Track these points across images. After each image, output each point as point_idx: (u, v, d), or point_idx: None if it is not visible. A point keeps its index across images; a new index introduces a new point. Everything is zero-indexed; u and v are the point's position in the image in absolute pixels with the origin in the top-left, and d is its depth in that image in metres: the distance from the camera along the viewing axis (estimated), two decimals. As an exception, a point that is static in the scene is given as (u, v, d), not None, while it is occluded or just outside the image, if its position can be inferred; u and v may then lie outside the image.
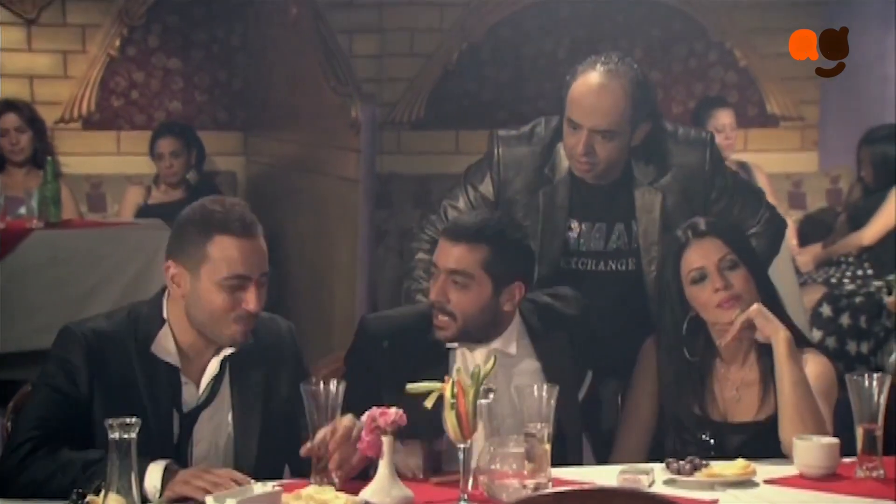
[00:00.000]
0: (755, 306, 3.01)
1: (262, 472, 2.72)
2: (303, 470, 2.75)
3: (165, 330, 2.83)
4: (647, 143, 3.42)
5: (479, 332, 3.06)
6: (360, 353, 3.08)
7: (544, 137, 3.47)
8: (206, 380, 2.84)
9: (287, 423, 2.88)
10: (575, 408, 3.10)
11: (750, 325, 3.02)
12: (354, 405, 2.70)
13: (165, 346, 2.83)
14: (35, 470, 2.70)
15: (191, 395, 2.83)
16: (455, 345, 3.04)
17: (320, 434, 2.64)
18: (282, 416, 2.89)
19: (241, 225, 2.79)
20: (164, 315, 2.85)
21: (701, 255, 3.07)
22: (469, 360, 3.04)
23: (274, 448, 2.86)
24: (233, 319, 2.79)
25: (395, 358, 3.00)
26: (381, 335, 3.08)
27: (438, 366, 2.98)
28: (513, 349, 3.09)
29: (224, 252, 2.77)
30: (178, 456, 2.78)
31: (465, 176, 3.59)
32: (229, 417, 2.86)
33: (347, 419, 2.66)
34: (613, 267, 3.46)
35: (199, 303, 2.79)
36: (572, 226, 3.44)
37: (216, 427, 2.86)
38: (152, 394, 2.79)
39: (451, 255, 3.02)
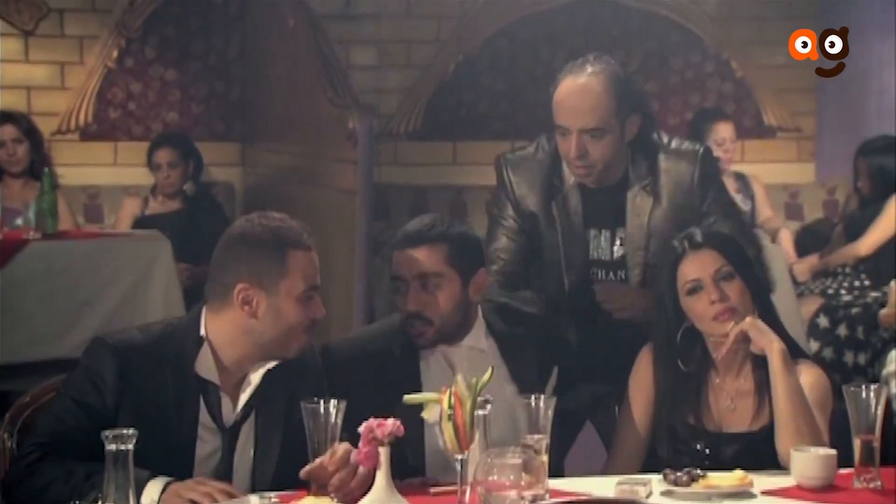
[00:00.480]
0: (748, 319, 3.01)
1: (280, 489, 2.75)
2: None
3: (205, 348, 2.83)
4: (642, 144, 3.43)
5: (453, 331, 3.13)
6: (332, 380, 3.05)
7: (549, 150, 3.50)
8: (246, 395, 2.85)
9: (305, 443, 2.87)
10: None
11: (745, 338, 3.02)
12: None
13: (206, 364, 2.83)
14: (38, 476, 2.69)
15: (227, 409, 2.85)
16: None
17: (319, 459, 2.64)
18: (301, 436, 2.85)
19: (307, 238, 2.87)
20: (202, 333, 2.84)
21: (697, 267, 3.07)
22: (448, 363, 3.10)
23: (294, 466, 2.81)
24: (303, 330, 2.84)
25: (368, 377, 3.03)
26: (348, 358, 3.11)
27: (414, 376, 3.07)
28: (483, 345, 3.16)
29: (301, 266, 2.83)
30: (223, 471, 2.81)
31: (489, 213, 3.64)
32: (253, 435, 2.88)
33: (346, 444, 2.65)
34: (621, 277, 3.48)
35: (277, 319, 2.81)
36: (589, 234, 3.48)
37: (248, 443, 2.88)
38: (187, 410, 2.80)
39: (416, 260, 3.08)
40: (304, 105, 6.24)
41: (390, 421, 2.60)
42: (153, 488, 2.62)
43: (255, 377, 2.85)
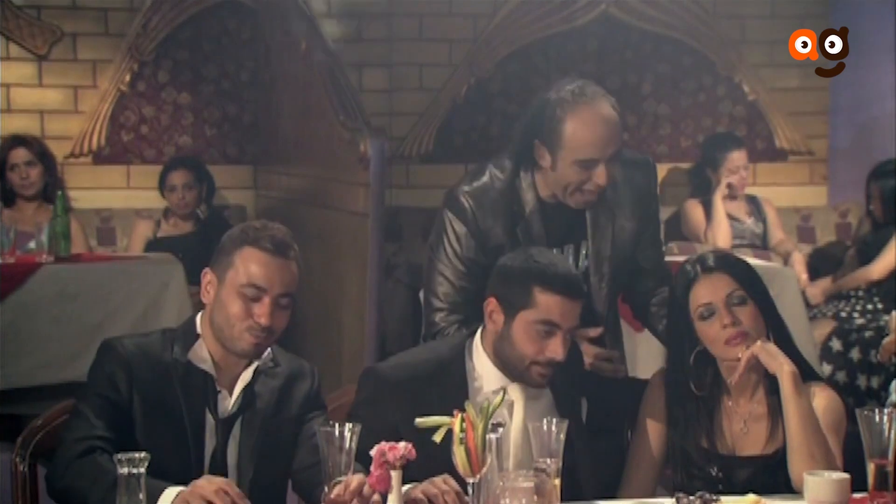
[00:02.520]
0: (758, 344, 3.01)
1: (256, 495, 2.81)
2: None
3: (200, 342, 2.98)
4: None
5: None
6: (373, 405, 3.03)
7: (501, 178, 3.46)
8: (239, 387, 2.95)
9: (286, 450, 3.00)
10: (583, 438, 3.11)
11: (757, 362, 3.01)
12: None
13: (201, 355, 2.96)
14: (74, 475, 2.78)
15: (225, 403, 2.95)
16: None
17: (336, 490, 2.63)
18: (284, 443, 3.00)
19: (270, 241, 2.96)
20: (198, 331, 2.99)
21: (709, 291, 3.06)
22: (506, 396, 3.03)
23: (269, 476, 2.95)
24: (245, 329, 2.91)
25: (414, 408, 2.87)
26: (394, 384, 3.05)
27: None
28: None
29: (247, 261, 2.94)
30: (216, 460, 2.91)
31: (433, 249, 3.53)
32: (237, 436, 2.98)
33: (359, 476, 2.64)
34: (586, 289, 3.41)
35: (221, 308, 2.94)
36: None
37: (246, 439, 2.98)
38: (189, 401, 2.92)
39: (574, 311, 3.04)
40: (317, 128, 6.25)
41: (402, 444, 2.60)
42: (166, 499, 2.65)
43: (248, 372, 2.96)
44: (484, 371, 3.09)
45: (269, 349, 3.01)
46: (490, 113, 7.48)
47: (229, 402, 2.96)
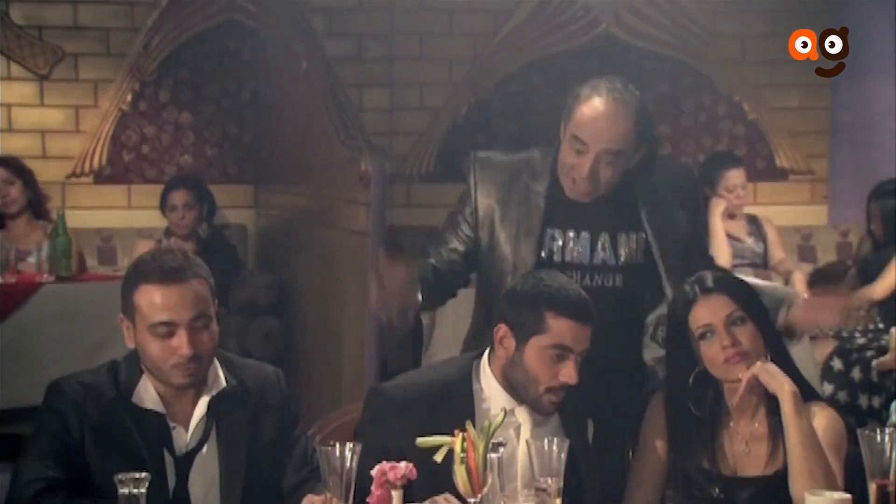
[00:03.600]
0: (758, 364, 3.00)
1: None
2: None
3: (144, 379, 2.88)
4: (642, 169, 3.44)
5: None
6: (378, 425, 3.02)
7: (522, 153, 3.53)
8: (194, 421, 2.86)
9: (272, 467, 2.91)
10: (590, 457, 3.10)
11: (757, 382, 3.01)
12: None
13: (146, 394, 2.86)
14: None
15: (181, 438, 2.86)
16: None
17: None
18: (267, 460, 2.91)
19: (160, 272, 2.83)
20: (143, 365, 2.89)
21: (708, 312, 3.06)
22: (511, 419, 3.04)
23: (259, 492, 2.87)
24: (172, 366, 2.82)
25: (420, 429, 2.83)
26: (400, 404, 3.03)
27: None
28: None
29: (147, 300, 2.82)
30: (176, 500, 2.81)
31: (451, 215, 3.63)
32: (216, 460, 2.88)
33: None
34: (599, 282, 3.42)
35: (143, 352, 2.85)
36: (554, 235, 3.42)
37: (209, 469, 2.87)
38: (142, 440, 2.82)
39: (585, 334, 3.03)
40: (317, 147, 6.26)
41: (403, 464, 2.59)
42: None
43: (201, 405, 2.87)
44: (491, 393, 3.07)
45: (216, 371, 2.91)
46: (491, 132, 7.48)
47: (185, 437, 2.86)
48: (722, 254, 6.51)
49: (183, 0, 7.23)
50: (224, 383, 2.90)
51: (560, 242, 3.41)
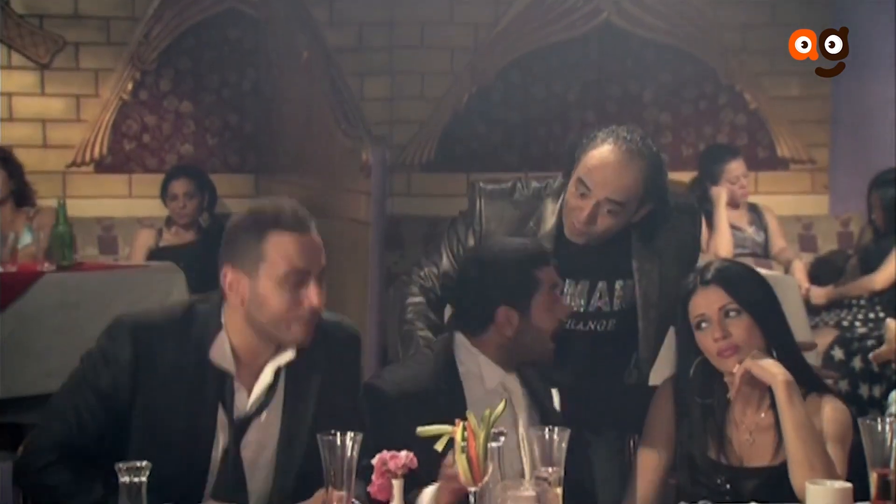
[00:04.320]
0: (747, 360, 3.01)
1: (305, 484, 2.70)
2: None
3: (222, 335, 2.76)
4: (648, 218, 3.42)
5: None
6: (377, 428, 2.97)
7: (526, 195, 3.47)
8: (259, 388, 2.76)
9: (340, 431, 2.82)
10: None
11: (751, 376, 3.02)
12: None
13: (221, 352, 2.75)
14: (51, 479, 2.69)
15: (242, 401, 2.76)
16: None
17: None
18: (334, 426, 2.75)
19: (294, 220, 2.75)
20: (223, 320, 2.77)
21: (704, 302, 3.08)
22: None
23: (319, 460, 2.76)
24: (296, 318, 2.72)
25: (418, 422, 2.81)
26: (395, 401, 3.03)
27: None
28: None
29: (280, 248, 2.71)
30: (226, 464, 2.74)
31: (447, 230, 3.58)
32: (278, 426, 2.79)
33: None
34: (593, 327, 3.45)
35: (262, 305, 2.71)
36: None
37: (265, 435, 2.79)
38: (202, 397, 2.72)
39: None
40: (318, 137, 6.25)
41: (403, 453, 2.59)
42: None
43: (268, 371, 2.76)
44: (481, 370, 3.11)
45: None
46: (491, 122, 7.48)
47: (247, 400, 2.76)
48: (724, 243, 6.52)
49: (183, -11, 7.23)
50: (293, 355, 2.78)
51: (558, 291, 3.40)
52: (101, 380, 2.73)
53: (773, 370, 2.99)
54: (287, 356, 2.78)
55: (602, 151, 3.31)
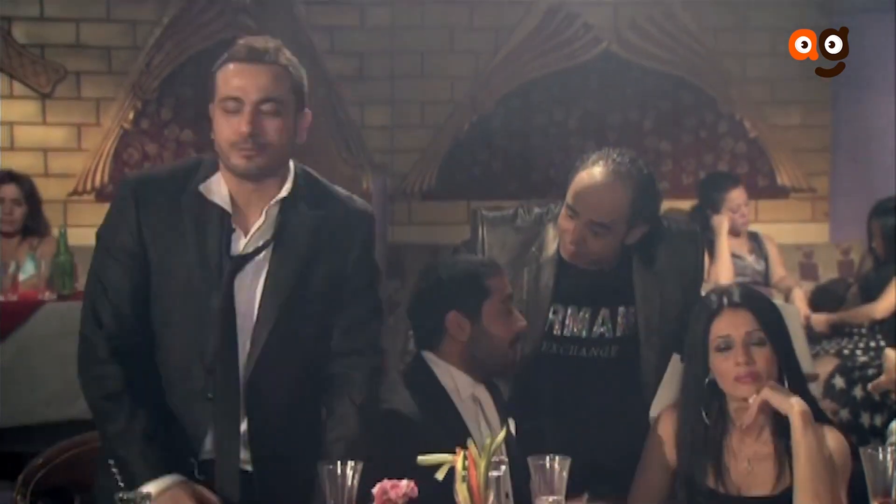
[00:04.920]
0: (766, 390, 3.00)
1: (271, 352, 2.76)
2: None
3: (218, 175, 2.82)
4: (645, 241, 3.41)
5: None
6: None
7: (528, 221, 3.48)
8: (254, 227, 2.80)
9: (322, 315, 2.84)
10: None
11: (767, 406, 3.01)
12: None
13: (215, 187, 2.81)
14: (100, 407, 2.79)
15: (237, 243, 2.80)
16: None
17: None
18: (320, 303, 2.83)
19: (245, 51, 2.82)
20: (220, 163, 2.85)
21: (730, 325, 3.05)
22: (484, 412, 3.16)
23: (289, 336, 2.80)
24: (232, 144, 2.76)
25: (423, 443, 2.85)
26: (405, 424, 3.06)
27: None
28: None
29: (224, 76, 2.81)
30: (222, 300, 2.77)
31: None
32: (263, 277, 2.81)
33: None
34: (595, 353, 3.44)
35: (215, 136, 2.81)
36: (556, 309, 3.43)
37: (257, 278, 2.80)
38: (202, 237, 2.77)
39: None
40: (319, 165, 6.23)
41: (404, 482, 2.59)
42: (153, 486, 2.67)
43: (263, 213, 2.80)
44: (456, 382, 3.15)
45: (286, 180, 2.84)
46: (492, 149, 7.50)
47: (242, 241, 2.79)
48: (725, 272, 6.52)
49: (185, 18, 7.25)
50: (287, 192, 2.83)
51: (561, 317, 3.43)
52: (121, 240, 2.81)
53: (791, 399, 2.98)
54: (277, 198, 2.82)
55: (590, 173, 3.31)
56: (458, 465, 2.57)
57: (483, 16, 7.46)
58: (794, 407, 2.97)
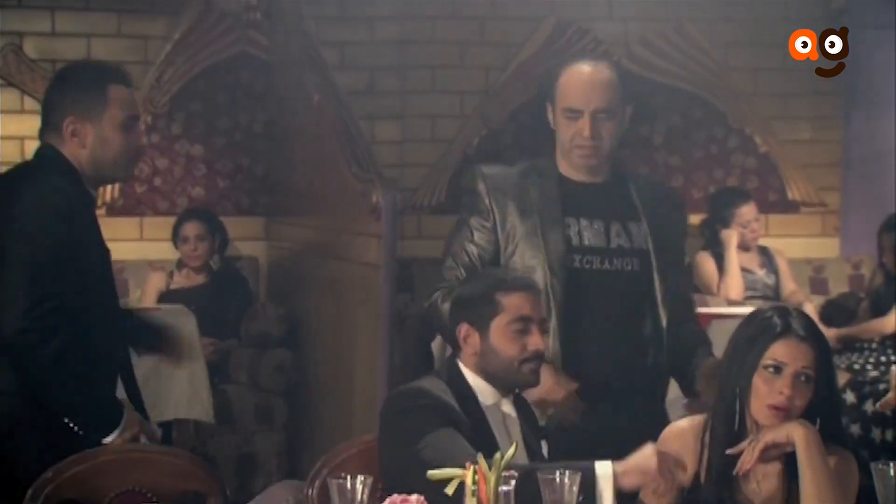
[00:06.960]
0: (762, 434, 2.98)
1: None
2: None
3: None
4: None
5: None
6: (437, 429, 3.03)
7: (523, 162, 3.76)
8: None
9: None
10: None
11: (773, 446, 2.98)
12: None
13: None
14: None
15: None
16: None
17: None
18: None
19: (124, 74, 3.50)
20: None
21: (788, 354, 2.99)
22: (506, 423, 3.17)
23: None
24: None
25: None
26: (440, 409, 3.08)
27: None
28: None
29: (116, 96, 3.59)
30: None
31: (455, 232, 3.77)
32: None
33: None
34: (619, 266, 3.55)
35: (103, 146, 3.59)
36: (569, 223, 3.57)
37: None
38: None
39: (538, 302, 3.25)
40: (329, 179, 6.27)
41: (414, 497, 2.58)
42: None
43: None
44: (479, 388, 3.18)
45: None
46: (502, 164, 7.47)
47: None
48: (735, 286, 6.51)
49: (195, 34, 7.27)
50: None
51: (577, 229, 3.55)
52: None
53: (788, 429, 2.96)
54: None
55: (575, 71, 3.62)
56: (468, 480, 2.56)
57: (493, 31, 7.47)
58: (797, 430, 2.95)
